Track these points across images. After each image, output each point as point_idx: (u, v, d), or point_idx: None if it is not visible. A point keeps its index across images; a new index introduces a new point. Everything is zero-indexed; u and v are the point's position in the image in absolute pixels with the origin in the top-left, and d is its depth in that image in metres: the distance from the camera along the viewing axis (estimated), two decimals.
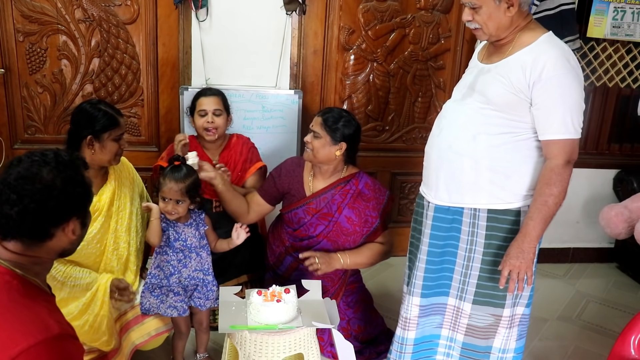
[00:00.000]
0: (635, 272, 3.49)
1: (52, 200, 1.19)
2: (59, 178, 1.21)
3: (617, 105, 3.48)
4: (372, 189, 2.38)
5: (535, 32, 1.79)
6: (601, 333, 2.84)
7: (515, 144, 1.81)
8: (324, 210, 2.34)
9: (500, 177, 1.83)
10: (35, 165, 1.21)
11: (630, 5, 3.24)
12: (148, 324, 2.12)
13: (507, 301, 1.92)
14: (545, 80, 1.71)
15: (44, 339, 1.11)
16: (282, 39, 3.03)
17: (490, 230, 1.88)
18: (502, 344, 1.98)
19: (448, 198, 1.91)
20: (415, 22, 3.16)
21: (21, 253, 1.22)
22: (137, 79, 2.99)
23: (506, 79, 1.77)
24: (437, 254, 1.97)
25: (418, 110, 3.33)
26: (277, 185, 2.41)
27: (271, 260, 2.51)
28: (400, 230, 3.38)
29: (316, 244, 2.36)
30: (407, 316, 2.03)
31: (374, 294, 2.67)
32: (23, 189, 1.17)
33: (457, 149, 1.85)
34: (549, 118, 1.74)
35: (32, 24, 2.81)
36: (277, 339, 1.89)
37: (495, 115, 1.80)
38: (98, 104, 2.10)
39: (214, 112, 2.50)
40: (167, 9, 2.89)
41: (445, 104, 2.00)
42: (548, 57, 1.71)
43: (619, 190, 3.54)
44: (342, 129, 2.28)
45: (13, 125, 2.94)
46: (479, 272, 1.92)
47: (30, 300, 1.18)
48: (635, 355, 1.84)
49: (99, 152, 2.05)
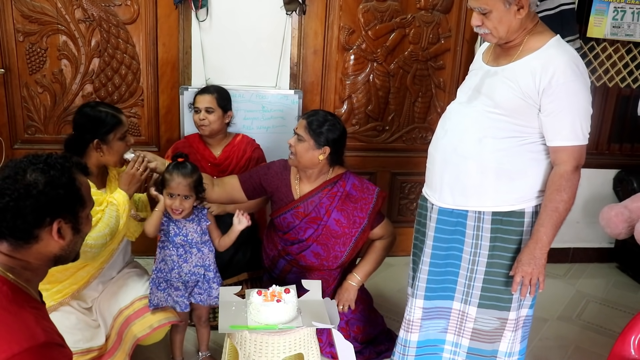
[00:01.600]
0: (635, 272, 3.49)
1: (30, 199, 1.19)
2: (42, 178, 1.21)
3: (617, 105, 3.49)
4: (360, 189, 2.36)
5: (543, 36, 1.78)
6: (601, 333, 2.84)
7: (521, 147, 1.80)
8: (312, 214, 2.33)
9: (505, 180, 1.82)
10: (22, 166, 1.21)
11: (630, 5, 3.24)
12: (150, 317, 2.13)
13: (513, 304, 1.92)
14: (555, 87, 1.71)
15: (29, 347, 1.10)
16: (282, 39, 3.03)
17: (495, 232, 1.87)
18: (508, 347, 1.97)
19: (452, 201, 1.90)
20: (415, 22, 3.16)
21: (10, 255, 1.22)
22: (137, 79, 2.99)
23: (515, 84, 1.76)
24: (440, 257, 1.96)
25: (418, 110, 3.33)
26: (263, 181, 2.39)
27: (266, 263, 2.51)
28: (400, 230, 3.38)
29: (306, 248, 2.35)
30: (410, 318, 2.03)
31: (373, 294, 2.67)
32: (6, 188, 1.18)
33: (463, 152, 1.84)
34: (558, 125, 1.74)
35: (32, 24, 2.81)
36: (277, 339, 1.89)
37: (501, 119, 1.79)
38: (98, 106, 2.11)
39: (206, 110, 2.61)
40: (167, 9, 2.89)
41: (450, 105, 1.98)
42: (558, 64, 1.71)
43: (619, 190, 3.54)
44: (327, 133, 2.25)
45: (13, 125, 2.94)
46: (484, 276, 1.91)
47: (18, 307, 1.17)
48: (635, 355, 1.84)
49: (107, 153, 2.09)
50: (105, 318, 2.16)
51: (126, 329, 2.11)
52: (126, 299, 2.17)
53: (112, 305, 2.17)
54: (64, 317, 2.05)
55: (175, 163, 2.09)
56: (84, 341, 2.07)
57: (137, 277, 2.27)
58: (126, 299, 2.17)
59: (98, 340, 2.12)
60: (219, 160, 2.67)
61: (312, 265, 2.36)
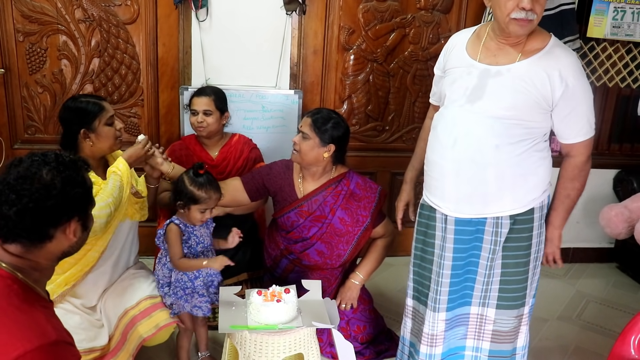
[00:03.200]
0: (635, 272, 3.49)
1: (51, 199, 1.18)
2: (59, 178, 1.20)
3: (617, 105, 3.49)
4: (364, 187, 2.38)
5: (542, 35, 1.79)
6: (601, 333, 2.84)
7: (532, 148, 1.81)
8: (316, 212, 2.33)
9: (521, 182, 1.83)
10: (35, 165, 1.20)
11: (630, 5, 3.24)
12: (156, 317, 2.12)
13: (526, 299, 1.95)
14: (572, 89, 1.73)
15: (41, 345, 1.10)
16: (282, 39, 3.03)
17: (511, 233, 1.88)
18: (523, 341, 2.01)
19: (471, 210, 1.86)
20: (415, 22, 3.16)
21: (21, 256, 1.22)
22: (137, 79, 2.99)
23: (529, 85, 1.73)
24: (460, 267, 1.94)
25: (418, 110, 3.33)
26: (266, 182, 2.39)
27: (268, 263, 2.52)
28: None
29: (310, 246, 2.35)
30: (434, 333, 1.98)
31: (374, 294, 2.67)
32: (22, 189, 1.17)
33: (480, 161, 1.80)
34: (575, 124, 1.79)
35: (32, 24, 2.81)
36: (277, 339, 1.89)
37: (513, 122, 1.76)
38: (78, 98, 2.14)
39: (204, 112, 2.59)
40: (167, 9, 2.89)
41: (447, 108, 1.89)
42: (569, 65, 1.74)
43: (619, 190, 3.54)
44: (331, 130, 2.26)
45: (13, 125, 2.94)
46: (500, 277, 1.92)
47: (29, 305, 1.18)
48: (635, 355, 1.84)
49: (97, 141, 2.09)
50: (110, 318, 2.16)
51: (131, 329, 2.11)
52: (132, 299, 2.16)
53: (118, 305, 2.16)
54: (68, 317, 2.04)
55: (204, 179, 2.07)
56: (87, 341, 2.06)
57: (144, 277, 2.26)
58: (132, 299, 2.16)
59: (101, 340, 2.12)
60: (217, 161, 2.65)
61: (316, 263, 2.36)
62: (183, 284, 2.12)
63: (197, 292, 2.13)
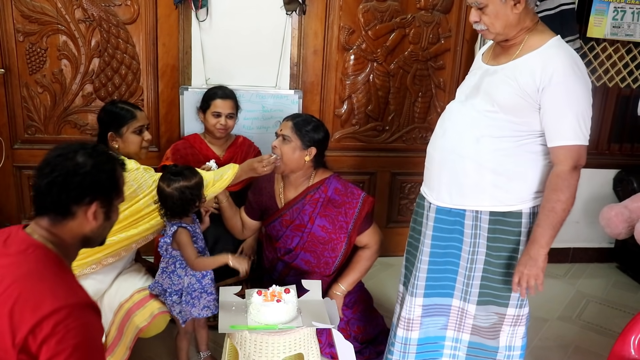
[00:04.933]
0: (635, 272, 3.49)
1: (78, 176, 1.30)
2: (90, 161, 1.33)
3: (617, 105, 3.49)
4: (343, 193, 2.34)
5: (543, 35, 1.78)
6: (601, 333, 2.84)
7: (519, 148, 1.80)
8: (296, 221, 2.34)
9: (503, 180, 1.82)
10: (74, 148, 1.35)
11: (630, 5, 3.24)
12: (150, 306, 2.14)
13: (511, 301, 1.92)
14: (555, 86, 1.70)
15: (73, 303, 1.20)
16: (282, 39, 3.03)
17: (493, 232, 1.87)
18: (507, 341, 1.98)
19: (450, 200, 1.90)
20: (415, 22, 3.16)
21: (49, 230, 1.32)
22: (137, 79, 2.99)
23: (514, 82, 1.75)
24: (439, 255, 1.96)
25: (418, 110, 3.33)
26: (253, 201, 2.44)
27: (266, 264, 2.53)
28: (400, 230, 3.39)
29: (296, 257, 2.35)
30: (410, 317, 2.02)
31: (373, 294, 2.67)
32: (57, 164, 1.31)
33: (460, 151, 1.84)
34: (557, 124, 1.73)
35: (32, 24, 2.81)
36: (277, 339, 1.89)
37: (500, 117, 1.78)
38: (117, 102, 2.33)
39: (228, 115, 2.65)
40: (167, 9, 2.89)
41: (449, 105, 1.98)
42: (557, 63, 1.71)
43: (619, 190, 3.54)
44: (312, 132, 2.27)
45: (13, 125, 2.94)
46: (482, 273, 1.91)
47: (63, 271, 1.29)
48: (635, 355, 1.84)
49: (122, 146, 2.24)
50: (106, 314, 2.17)
51: (127, 321, 2.13)
52: (125, 293, 2.19)
53: (113, 301, 2.19)
54: None
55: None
56: None
57: (135, 272, 2.31)
58: (125, 293, 2.19)
59: None
60: (224, 160, 2.68)
61: (307, 271, 2.38)
62: (191, 286, 2.12)
63: (205, 292, 2.12)
